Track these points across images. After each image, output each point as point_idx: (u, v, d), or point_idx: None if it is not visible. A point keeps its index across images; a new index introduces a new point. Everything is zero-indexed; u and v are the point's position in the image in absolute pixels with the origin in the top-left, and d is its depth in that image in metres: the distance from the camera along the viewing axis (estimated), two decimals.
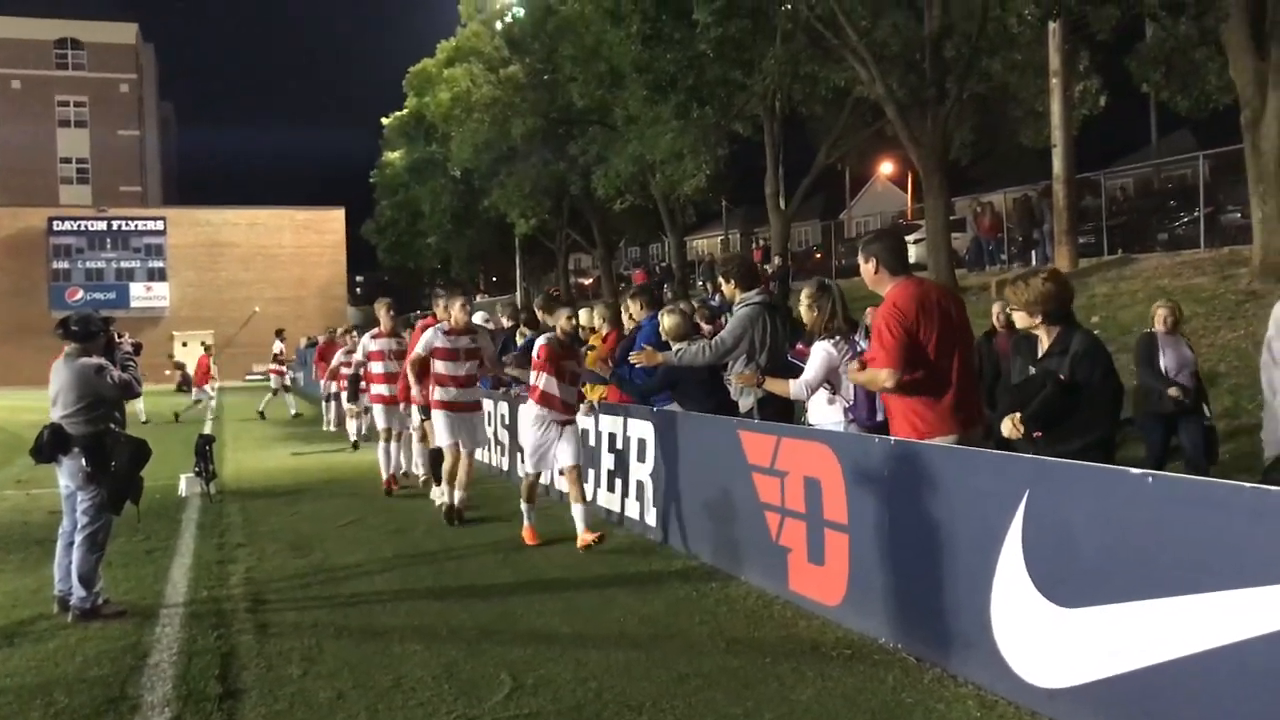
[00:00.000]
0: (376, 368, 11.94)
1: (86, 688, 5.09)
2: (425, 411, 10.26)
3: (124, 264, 60.61)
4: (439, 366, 9.49)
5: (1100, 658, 4.00)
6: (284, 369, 26.56)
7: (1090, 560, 4.08)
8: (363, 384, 15.86)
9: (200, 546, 8.66)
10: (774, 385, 6.76)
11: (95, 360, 6.48)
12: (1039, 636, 4.33)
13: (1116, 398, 5.28)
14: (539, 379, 8.36)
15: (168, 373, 44.17)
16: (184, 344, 61.76)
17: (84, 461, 6.37)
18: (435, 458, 10.06)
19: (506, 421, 12.11)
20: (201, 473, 11.40)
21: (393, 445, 11.82)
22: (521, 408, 8.92)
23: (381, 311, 12.10)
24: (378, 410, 11.98)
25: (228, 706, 4.78)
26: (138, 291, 60.61)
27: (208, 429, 17.18)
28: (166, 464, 11.41)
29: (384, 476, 11.69)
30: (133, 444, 6.59)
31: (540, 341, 8.53)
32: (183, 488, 11.52)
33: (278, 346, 26.52)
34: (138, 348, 7.92)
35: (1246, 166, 15.00)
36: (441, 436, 9.52)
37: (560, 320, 8.52)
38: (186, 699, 4.89)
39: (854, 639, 5.50)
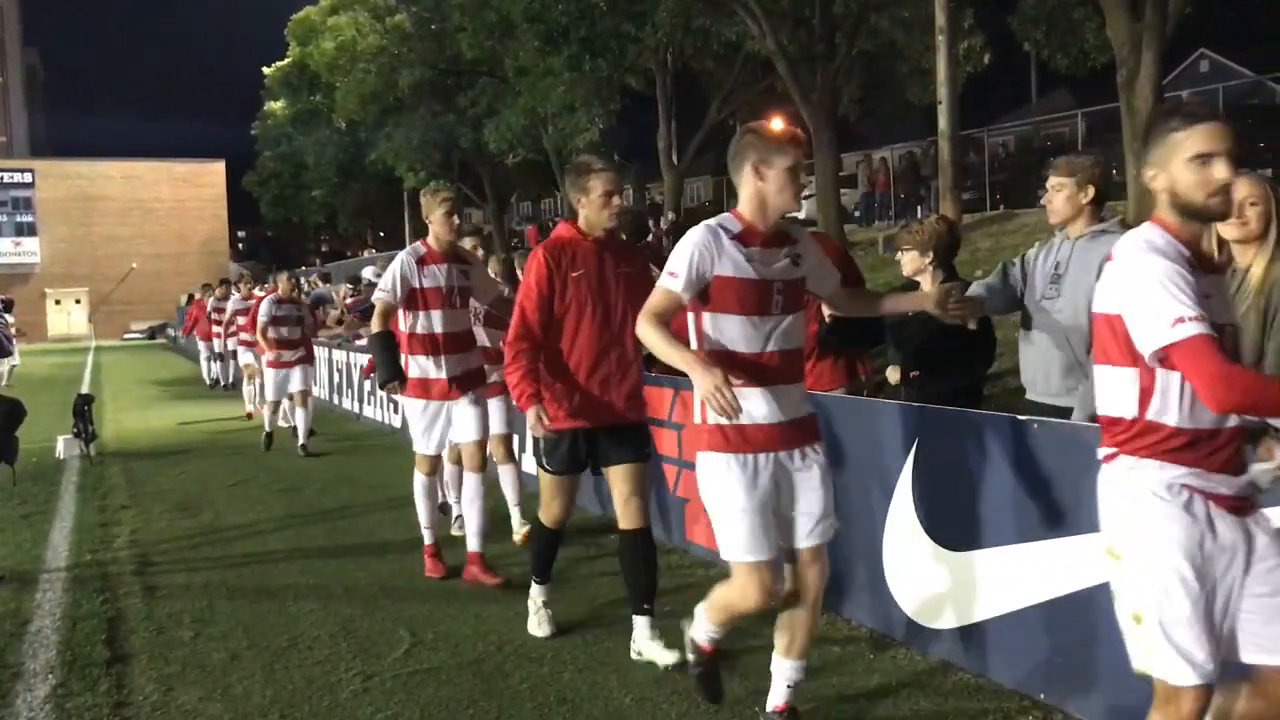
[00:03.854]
0: (425, 325, 5.94)
1: None
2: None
3: None
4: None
5: (987, 599, 4.15)
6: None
7: (977, 505, 4.21)
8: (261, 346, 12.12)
9: (81, 509, 8.39)
10: None
11: None
12: (929, 579, 4.46)
13: (991, 345, 5.42)
14: None
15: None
16: (57, 301, 59.66)
17: None
18: (545, 540, 5.01)
19: None
20: (80, 433, 11.02)
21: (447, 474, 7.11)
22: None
23: (437, 211, 5.90)
24: (414, 411, 6.06)
25: (116, 671, 4.66)
26: (5, 247, 58.19)
27: (85, 388, 16.61)
28: (42, 425, 11.01)
29: (427, 540, 6.26)
30: (5, 404, 6.34)
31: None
32: (60, 449, 11.14)
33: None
34: (8, 305, 7.59)
35: (1122, 125, 15.48)
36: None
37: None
38: (71, 665, 4.75)
39: None
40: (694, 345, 3.59)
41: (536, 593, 5.08)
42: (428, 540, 6.27)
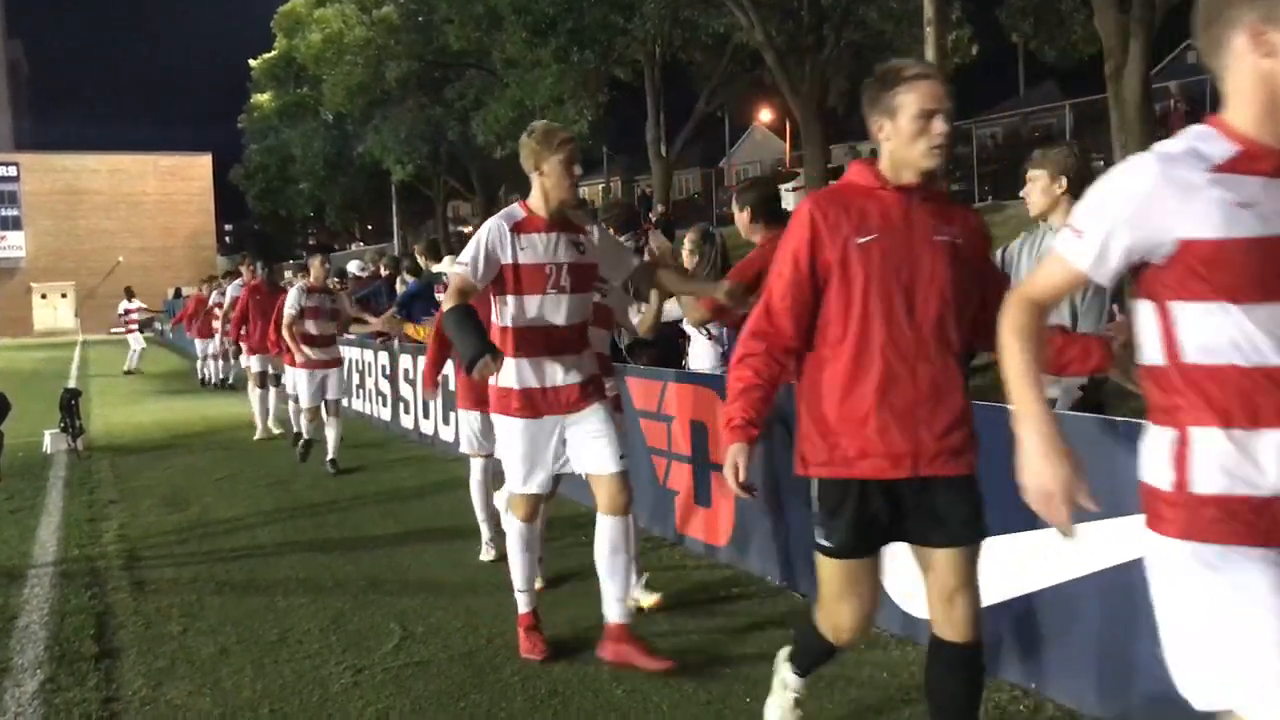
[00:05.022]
0: (520, 314, 4.42)
1: None
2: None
3: None
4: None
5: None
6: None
7: None
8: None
9: (69, 504, 8.34)
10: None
11: None
12: (919, 570, 4.45)
13: None
14: None
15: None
16: (43, 296, 59.43)
17: None
18: (817, 643, 3.43)
19: (387, 372, 11.92)
20: (68, 428, 10.98)
21: None
22: None
23: (553, 159, 4.34)
24: (510, 432, 4.49)
25: (105, 666, 4.63)
26: None
27: (73, 382, 16.52)
28: (29, 420, 10.96)
29: (522, 607, 4.71)
30: None
31: None
32: (48, 444, 11.08)
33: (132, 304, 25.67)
34: None
35: (1110, 115, 15.52)
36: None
37: None
38: (60, 660, 4.72)
39: (741, 577, 5.60)
40: (1161, 360, 2.14)
41: (791, 680, 3.62)
42: (523, 608, 4.69)
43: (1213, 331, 2.05)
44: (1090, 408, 4.19)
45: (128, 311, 25.38)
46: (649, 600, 5.16)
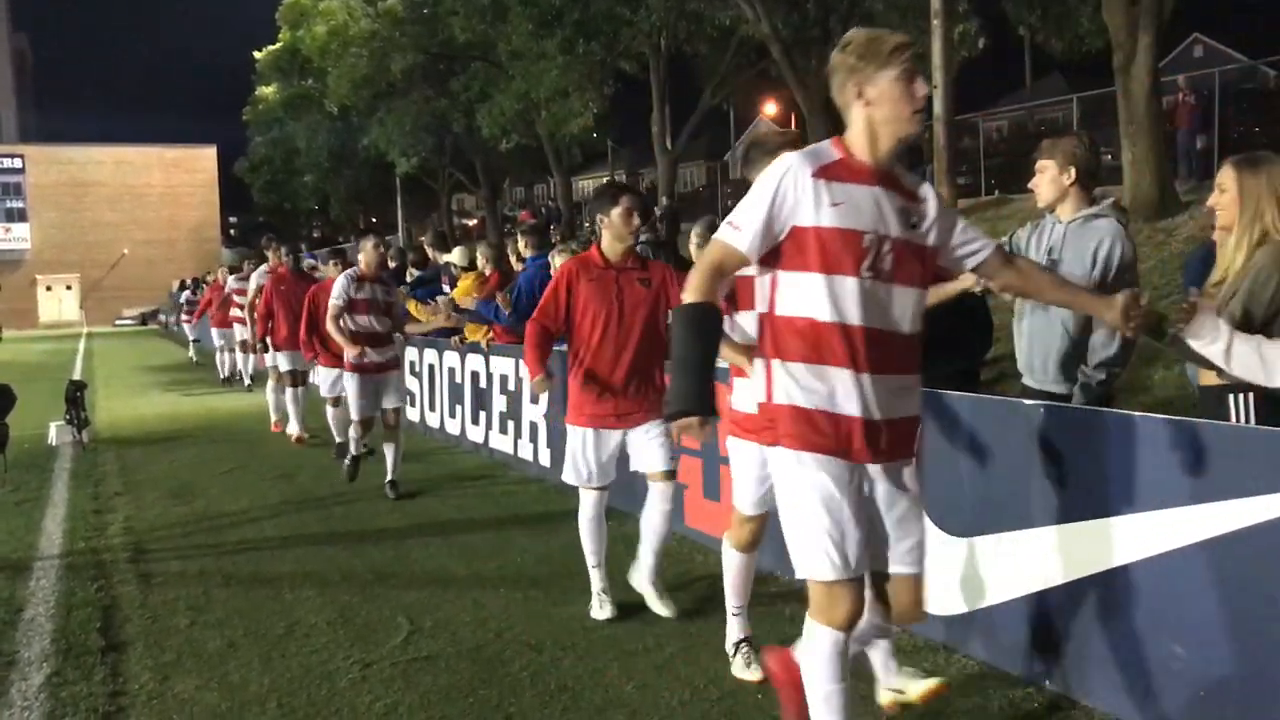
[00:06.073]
0: (824, 303, 2.86)
1: None
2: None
3: None
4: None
5: (992, 585, 4.12)
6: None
7: (981, 490, 4.18)
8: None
9: (75, 496, 8.33)
10: None
11: None
12: (932, 565, 4.42)
13: (989, 329, 5.38)
14: None
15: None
16: (48, 288, 59.49)
17: None
18: None
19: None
20: (73, 420, 10.95)
21: None
22: None
23: (891, 62, 2.91)
24: (804, 484, 2.90)
25: (111, 659, 4.61)
26: None
27: (78, 374, 16.50)
28: (34, 412, 10.95)
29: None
30: None
31: None
32: (53, 436, 11.06)
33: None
34: None
35: (1118, 109, 15.44)
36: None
37: None
38: (67, 653, 4.70)
39: None
40: None
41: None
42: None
43: None
44: (1101, 402, 4.15)
45: (191, 303, 25.98)
46: (918, 690, 3.60)
